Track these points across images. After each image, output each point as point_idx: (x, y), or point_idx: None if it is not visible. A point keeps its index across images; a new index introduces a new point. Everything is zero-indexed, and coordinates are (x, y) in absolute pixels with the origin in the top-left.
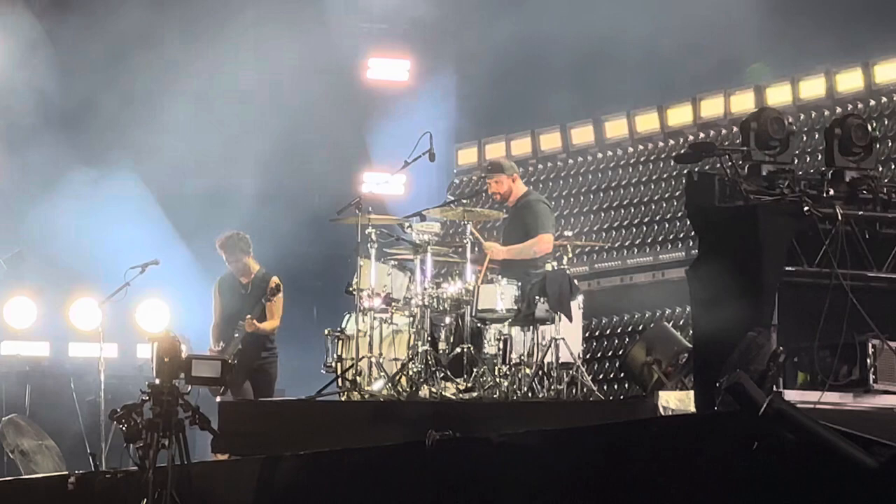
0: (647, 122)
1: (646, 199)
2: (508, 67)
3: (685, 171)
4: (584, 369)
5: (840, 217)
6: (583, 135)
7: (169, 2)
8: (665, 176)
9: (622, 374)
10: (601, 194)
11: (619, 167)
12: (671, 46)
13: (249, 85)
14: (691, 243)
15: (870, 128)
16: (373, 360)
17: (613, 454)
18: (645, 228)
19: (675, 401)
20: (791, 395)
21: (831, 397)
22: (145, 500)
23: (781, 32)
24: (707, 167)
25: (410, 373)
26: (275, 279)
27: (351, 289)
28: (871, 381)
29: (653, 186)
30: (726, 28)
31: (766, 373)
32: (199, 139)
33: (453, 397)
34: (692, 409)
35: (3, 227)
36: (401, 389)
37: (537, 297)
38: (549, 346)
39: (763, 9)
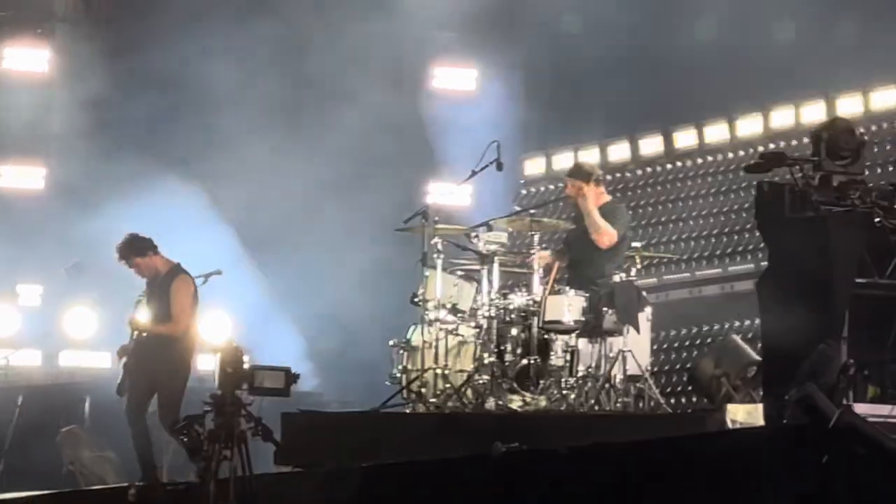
0: (717, 133)
1: (715, 211)
2: (576, 77)
3: (755, 182)
4: (651, 382)
5: None
6: (651, 145)
7: (232, 9)
8: (734, 187)
9: (690, 387)
10: (670, 206)
11: (688, 178)
12: (740, 56)
13: (315, 95)
14: (761, 255)
15: None
16: (438, 371)
17: (681, 468)
18: (714, 240)
19: (744, 414)
20: (861, 409)
21: None
22: None
23: (854, 42)
24: (776, 178)
25: (476, 384)
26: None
27: (417, 299)
28: None
29: (722, 198)
30: (799, 37)
31: (836, 386)
32: (264, 149)
33: (519, 409)
34: (761, 422)
35: (65, 238)
36: (466, 401)
37: (605, 309)
38: (617, 358)
39: (836, 18)
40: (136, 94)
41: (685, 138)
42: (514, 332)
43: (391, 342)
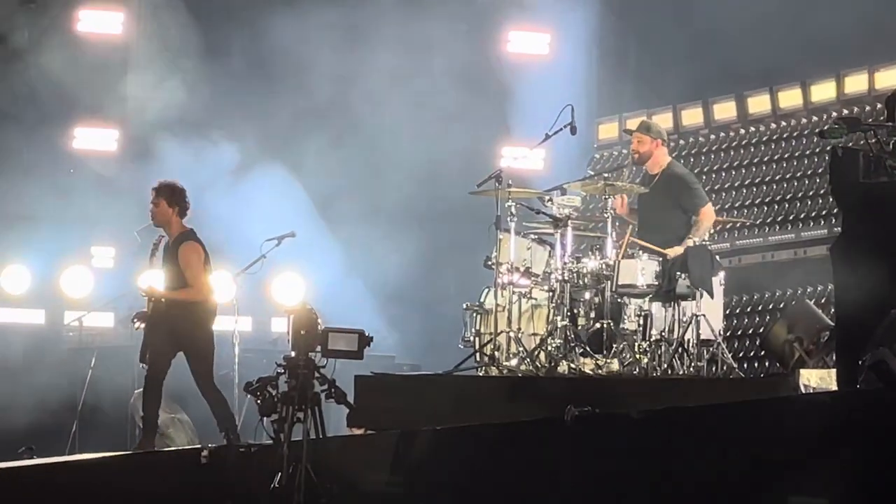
0: (790, 98)
1: (788, 176)
2: (650, 41)
3: (829, 147)
4: (724, 346)
5: None
6: (725, 110)
7: None
8: (808, 152)
9: (763, 352)
10: (743, 170)
11: (761, 143)
12: (815, 21)
13: (387, 57)
14: (834, 221)
15: None
16: (511, 334)
17: (754, 432)
18: (787, 205)
19: (817, 379)
20: None
21: None
22: (280, 474)
23: None
24: (851, 143)
25: (549, 348)
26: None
27: (490, 263)
28: None
29: (795, 163)
30: (874, 2)
31: None
32: (336, 112)
33: (592, 373)
34: (834, 387)
35: (138, 200)
36: (539, 365)
37: (678, 273)
38: (690, 322)
39: None
40: (210, 56)
41: (758, 103)
42: (587, 295)
43: (464, 305)
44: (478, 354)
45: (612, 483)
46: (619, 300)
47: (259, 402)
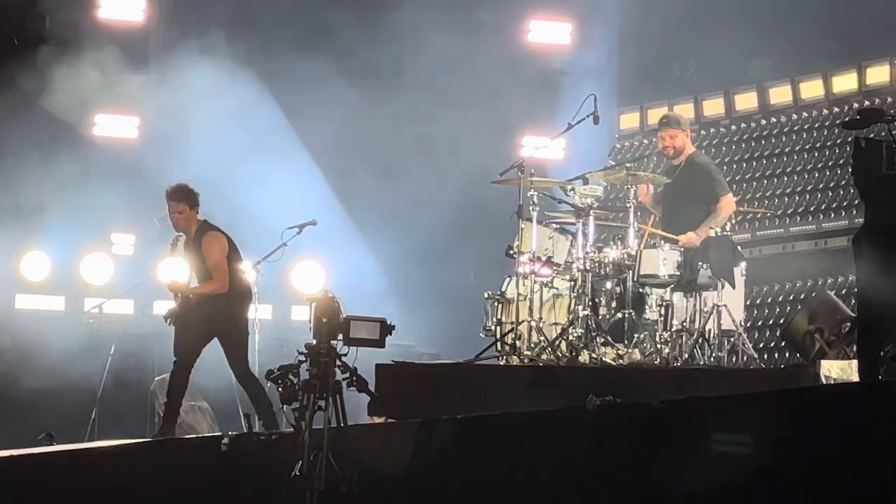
0: (812, 89)
1: (809, 167)
2: (671, 32)
3: (850, 139)
4: (745, 337)
5: None
6: (747, 101)
7: None
8: (829, 144)
9: (784, 343)
10: (764, 161)
11: (782, 134)
12: (837, 12)
13: (409, 46)
14: (855, 212)
15: None
16: (532, 324)
17: (775, 423)
18: (808, 196)
19: (838, 370)
20: None
21: None
22: (300, 462)
23: None
24: (872, 134)
25: (570, 337)
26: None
27: (512, 252)
28: None
29: (816, 154)
30: None
31: None
32: (358, 100)
33: (613, 363)
34: (855, 378)
35: (159, 187)
36: (560, 354)
37: (700, 263)
38: (711, 312)
39: None
40: (232, 41)
41: (780, 94)
42: (608, 285)
43: (486, 294)
44: (499, 344)
45: (632, 472)
46: (640, 290)
47: (280, 389)
